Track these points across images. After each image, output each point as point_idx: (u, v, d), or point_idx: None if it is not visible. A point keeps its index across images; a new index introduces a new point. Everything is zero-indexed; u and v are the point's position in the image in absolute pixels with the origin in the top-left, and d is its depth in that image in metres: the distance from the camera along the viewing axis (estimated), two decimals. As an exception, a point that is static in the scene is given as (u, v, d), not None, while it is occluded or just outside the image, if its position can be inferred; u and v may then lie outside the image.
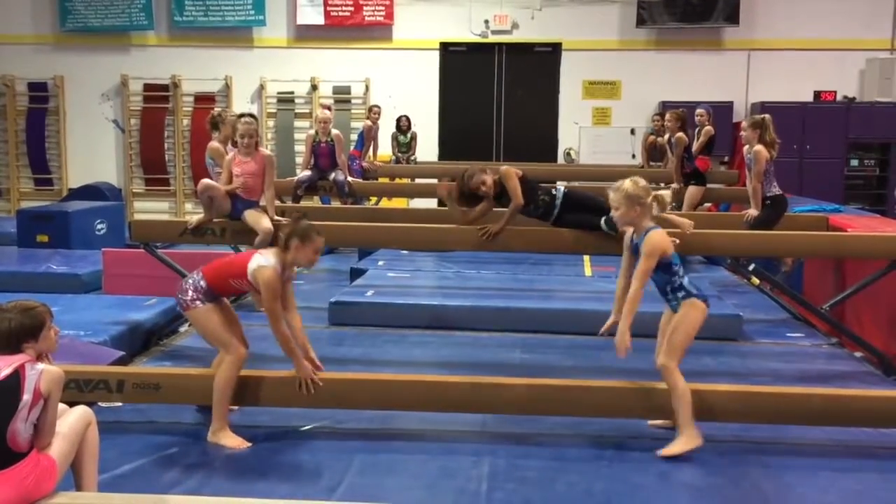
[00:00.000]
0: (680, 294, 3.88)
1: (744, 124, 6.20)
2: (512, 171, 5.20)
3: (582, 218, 5.15)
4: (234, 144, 5.95)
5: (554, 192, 5.23)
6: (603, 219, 5.09)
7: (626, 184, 3.89)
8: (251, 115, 6.01)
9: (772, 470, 3.74)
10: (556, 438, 4.04)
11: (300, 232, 3.86)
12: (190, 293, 3.93)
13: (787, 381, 4.92)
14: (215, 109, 7.11)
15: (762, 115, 6.25)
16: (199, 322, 3.98)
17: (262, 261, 3.84)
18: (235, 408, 4.20)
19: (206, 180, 5.82)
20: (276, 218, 5.74)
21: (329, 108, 10.06)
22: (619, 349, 3.80)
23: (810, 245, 5.70)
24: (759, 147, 6.07)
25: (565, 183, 5.46)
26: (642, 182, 3.91)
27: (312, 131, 8.90)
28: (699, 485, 3.59)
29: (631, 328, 3.81)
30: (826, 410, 3.90)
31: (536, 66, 13.02)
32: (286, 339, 3.87)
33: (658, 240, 3.83)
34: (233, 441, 3.91)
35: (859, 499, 3.52)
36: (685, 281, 3.90)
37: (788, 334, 6.24)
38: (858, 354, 5.66)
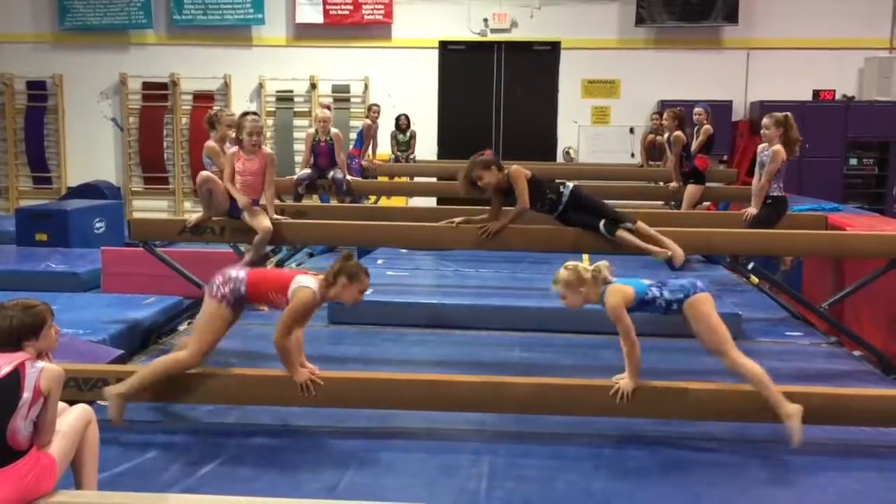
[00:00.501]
0: (674, 307, 3.89)
1: (767, 122, 6.11)
2: (521, 172, 5.20)
3: (583, 219, 5.19)
4: (239, 143, 5.92)
5: (562, 189, 5.25)
6: (602, 222, 5.11)
7: (562, 273, 3.91)
8: (255, 114, 6.00)
9: (771, 468, 3.74)
10: (556, 437, 4.05)
11: (349, 271, 3.88)
12: (226, 289, 3.93)
13: (786, 379, 4.89)
14: (213, 109, 7.11)
15: (784, 114, 6.14)
16: (206, 312, 3.98)
17: (306, 282, 3.87)
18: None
19: (205, 172, 5.80)
20: (276, 217, 5.74)
21: (329, 108, 10.06)
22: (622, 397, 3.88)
23: (809, 244, 5.71)
24: (778, 146, 6.04)
25: (573, 182, 5.45)
26: (579, 264, 3.93)
27: (312, 130, 8.90)
28: (698, 483, 3.59)
29: (637, 380, 3.88)
30: (825, 409, 3.89)
31: (535, 64, 13.02)
32: (286, 351, 3.89)
33: (613, 302, 3.83)
34: (115, 411, 3.88)
35: (858, 498, 3.52)
36: (667, 294, 3.88)
37: (787, 333, 6.23)
38: (857, 353, 5.66)
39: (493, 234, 5.29)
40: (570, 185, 5.33)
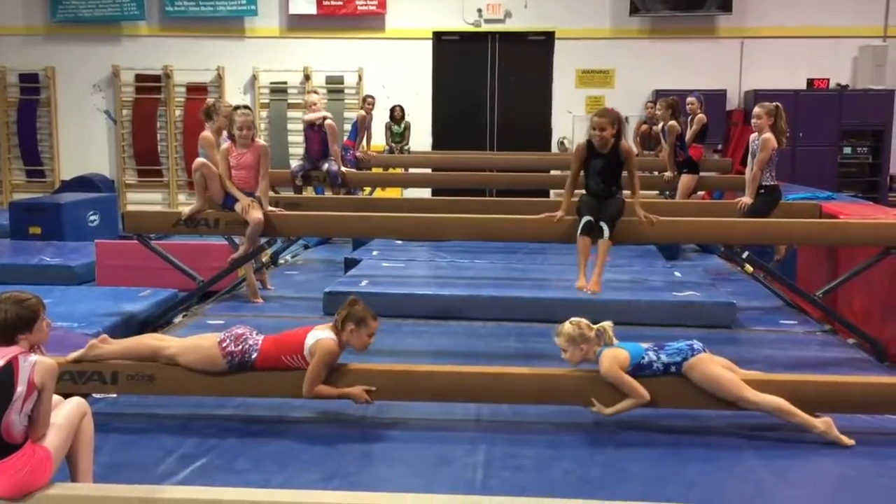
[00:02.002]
0: (672, 369, 3.90)
1: (758, 111, 6.13)
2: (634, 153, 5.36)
3: (602, 209, 5.27)
4: (232, 137, 5.91)
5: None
6: (584, 220, 5.18)
7: (566, 328, 3.92)
8: (246, 107, 5.98)
9: (765, 456, 3.75)
10: (552, 427, 4.05)
11: (356, 317, 3.89)
12: (237, 349, 3.90)
13: (781, 368, 4.93)
14: (209, 100, 7.09)
15: (774, 104, 6.18)
16: (204, 351, 3.92)
17: (323, 334, 3.87)
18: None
19: (200, 159, 5.79)
20: (270, 208, 5.73)
21: (315, 93, 9.98)
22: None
23: (804, 232, 5.72)
24: (768, 135, 6.05)
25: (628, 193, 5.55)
26: (584, 321, 3.94)
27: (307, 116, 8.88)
28: (693, 472, 3.60)
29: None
30: (819, 397, 3.91)
31: (530, 54, 13.00)
32: (323, 394, 3.89)
33: (606, 366, 3.86)
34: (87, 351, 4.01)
35: (852, 484, 3.53)
36: (665, 358, 3.89)
37: (782, 321, 6.26)
38: (851, 341, 5.68)
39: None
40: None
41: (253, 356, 3.91)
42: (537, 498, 2.98)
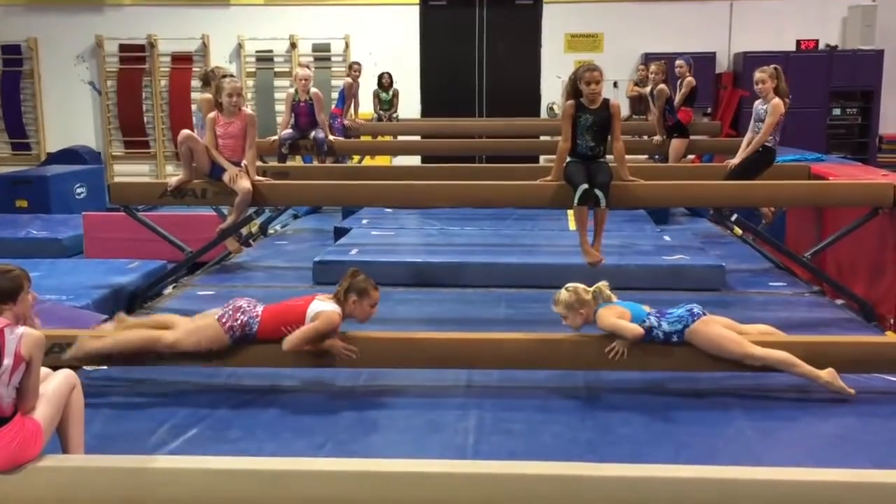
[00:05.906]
0: (674, 338, 3.88)
1: (760, 76, 6.07)
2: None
3: (593, 173, 5.19)
4: (219, 106, 5.81)
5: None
6: (581, 189, 5.07)
7: (563, 295, 3.93)
8: (232, 75, 5.93)
9: (754, 416, 3.78)
10: (542, 391, 4.07)
11: (357, 288, 3.88)
12: (236, 322, 3.88)
13: (770, 329, 4.95)
14: (208, 67, 6.99)
15: (773, 66, 6.15)
16: (209, 330, 3.88)
17: (326, 306, 3.85)
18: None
19: (186, 131, 5.73)
20: (258, 178, 5.70)
21: (308, 66, 9.89)
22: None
23: (792, 194, 5.72)
24: (777, 100, 6.00)
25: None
26: (579, 286, 3.94)
27: (292, 90, 8.78)
28: (682, 433, 3.63)
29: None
30: (808, 357, 3.93)
31: (518, 19, 12.89)
32: (299, 352, 3.88)
33: (603, 318, 3.86)
34: (76, 351, 3.89)
35: (840, 442, 3.57)
36: (666, 326, 3.87)
37: (771, 283, 6.28)
38: (839, 302, 5.71)
39: None
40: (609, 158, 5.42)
41: (254, 328, 3.89)
42: (528, 462, 3.00)
